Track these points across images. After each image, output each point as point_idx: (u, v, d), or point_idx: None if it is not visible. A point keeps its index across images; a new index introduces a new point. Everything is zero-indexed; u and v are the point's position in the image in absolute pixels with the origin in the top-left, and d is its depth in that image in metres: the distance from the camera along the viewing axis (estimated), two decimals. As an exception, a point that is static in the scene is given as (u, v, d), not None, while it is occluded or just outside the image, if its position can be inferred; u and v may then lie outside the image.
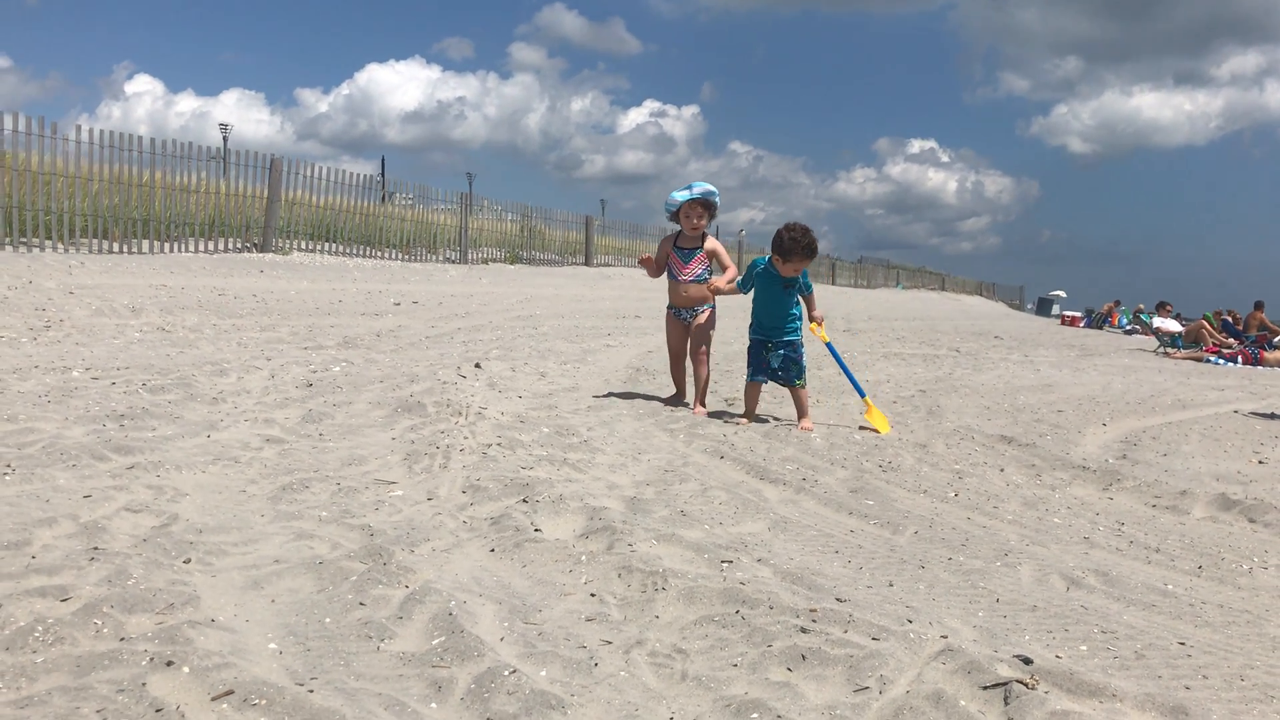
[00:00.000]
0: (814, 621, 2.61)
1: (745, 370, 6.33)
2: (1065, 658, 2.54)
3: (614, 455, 4.82)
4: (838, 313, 21.67)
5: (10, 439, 4.12)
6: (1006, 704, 2.20)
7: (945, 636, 2.57)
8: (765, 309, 6.15)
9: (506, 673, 2.21)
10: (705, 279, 6.62)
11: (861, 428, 6.13)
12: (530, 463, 4.48)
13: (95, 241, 15.05)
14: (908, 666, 2.38)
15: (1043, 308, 54.24)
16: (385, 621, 2.53)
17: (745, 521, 3.79)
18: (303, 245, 19.23)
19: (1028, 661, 2.42)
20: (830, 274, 44.90)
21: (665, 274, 6.73)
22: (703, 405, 6.51)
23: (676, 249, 6.62)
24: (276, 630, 2.46)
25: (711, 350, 6.70)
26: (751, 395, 6.25)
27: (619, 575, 2.97)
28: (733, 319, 8.90)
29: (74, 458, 3.89)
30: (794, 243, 5.92)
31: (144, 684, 2.05)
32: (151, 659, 2.16)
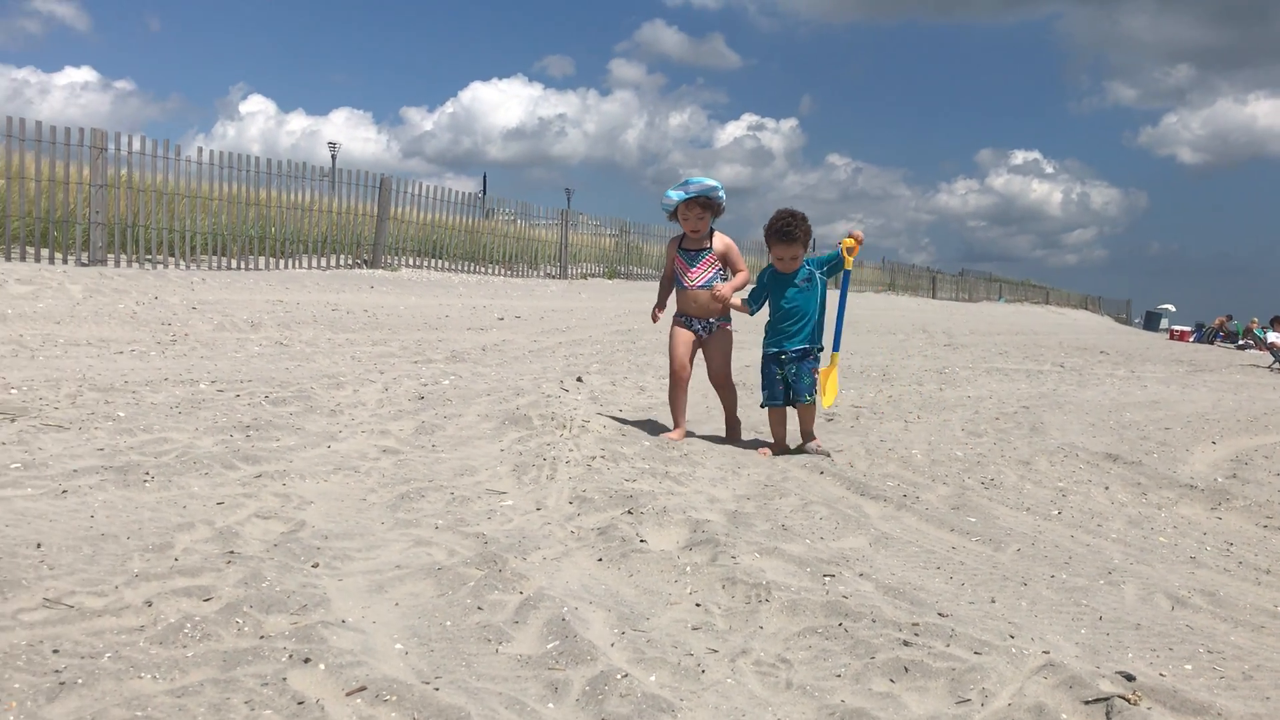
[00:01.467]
0: (916, 635, 2.67)
1: (760, 395, 5.70)
2: (1169, 676, 2.55)
3: (714, 469, 4.91)
4: (939, 327, 21.41)
5: (148, 448, 4.38)
6: (1108, 718, 2.23)
7: (1047, 652, 2.61)
8: (781, 313, 5.56)
9: (619, 677, 2.33)
10: (719, 282, 5.77)
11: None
12: (633, 475, 4.60)
13: (215, 258, 15.68)
14: (1009, 680, 2.43)
15: (1150, 322, 52.72)
16: (502, 625, 2.67)
17: (846, 537, 3.85)
18: (410, 261, 19.74)
19: (1130, 678, 2.44)
20: (931, 287, 44.31)
21: (675, 279, 5.90)
22: (734, 435, 5.91)
23: (681, 251, 5.80)
24: (401, 632, 2.61)
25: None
26: (776, 421, 5.63)
27: (723, 586, 3.06)
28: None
29: (206, 466, 4.12)
30: (768, 229, 5.50)
31: (285, 679, 2.21)
32: (290, 656, 2.32)
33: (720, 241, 5.77)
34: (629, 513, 3.85)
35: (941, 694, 2.38)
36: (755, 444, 5.74)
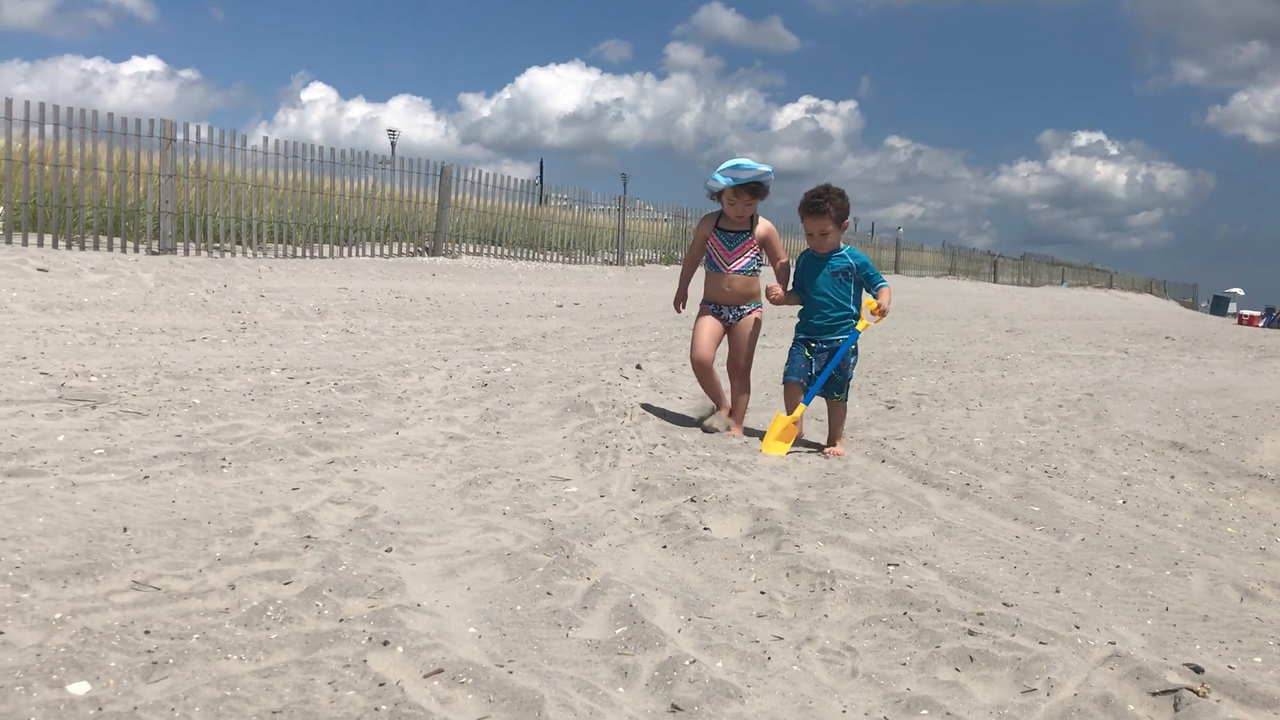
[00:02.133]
0: (981, 624, 2.69)
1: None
2: (1238, 668, 2.55)
3: (775, 457, 4.94)
4: (1000, 312, 21.18)
5: (223, 434, 4.50)
6: (1176, 710, 2.24)
7: (1113, 643, 2.62)
8: (812, 302, 5.23)
9: (687, 662, 2.38)
10: (754, 270, 5.53)
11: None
12: (695, 463, 4.64)
13: (280, 246, 15.95)
14: (1075, 670, 2.44)
15: (1218, 306, 51.63)
16: (571, 610, 2.73)
17: (909, 525, 3.87)
18: (470, 249, 19.92)
19: (1198, 670, 2.45)
20: (992, 271, 43.75)
21: (706, 262, 5.58)
22: (734, 425, 5.55)
23: (719, 231, 5.45)
24: (474, 616, 2.69)
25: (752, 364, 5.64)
26: (792, 399, 5.26)
27: (787, 575, 3.10)
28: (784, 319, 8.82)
29: (280, 452, 4.24)
30: (800, 205, 5.16)
31: (365, 660, 2.29)
32: (370, 639, 2.40)
33: (763, 226, 5.46)
34: (692, 500, 3.90)
35: (1007, 683, 2.40)
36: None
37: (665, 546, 3.37)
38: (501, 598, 2.83)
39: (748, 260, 5.45)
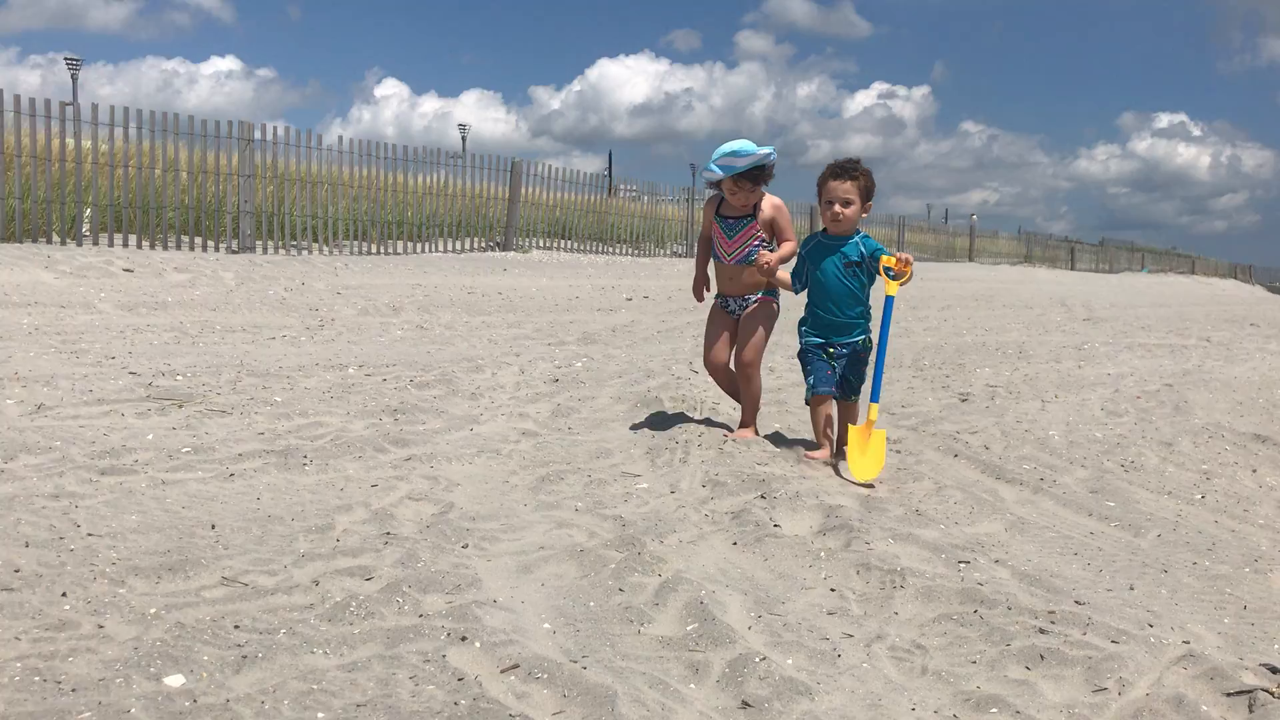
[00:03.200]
0: (1052, 623, 2.69)
1: (804, 385, 4.71)
2: (1317, 669, 2.52)
3: (845, 453, 4.94)
4: (1077, 300, 20.81)
5: (304, 432, 4.63)
6: (1251, 712, 2.23)
7: (1188, 642, 2.60)
8: (822, 297, 4.64)
9: (757, 659, 2.42)
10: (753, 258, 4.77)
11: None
12: (765, 459, 4.66)
13: (356, 243, 16.24)
14: (1148, 670, 2.43)
15: (1308, 291, 50.06)
16: (643, 607, 2.78)
17: (981, 522, 3.85)
18: (540, 243, 20.08)
19: (1276, 671, 2.42)
20: (1069, 258, 42.94)
21: (713, 252, 4.98)
22: (751, 428, 4.96)
23: (720, 218, 4.86)
24: (548, 612, 2.75)
25: (764, 356, 4.97)
26: (824, 413, 4.67)
27: (857, 572, 3.12)
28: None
29: (359, 450, 4.35)
30: (825, 170, 4.61)
31: (444, 655, 2.37)
32: (448, 634, 2.48)
33: (769, 205, 4.79)
34: (762, 497, 3.92)
35: (1078, 682, 2.40)
36: (803, 445, 4.82)
37: (735, 543, 3.40)
38: (575, 594, 2.89)
39: (750, 249, 4.79)
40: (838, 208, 4.52)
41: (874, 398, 4.50)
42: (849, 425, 4.56)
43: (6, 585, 2.62)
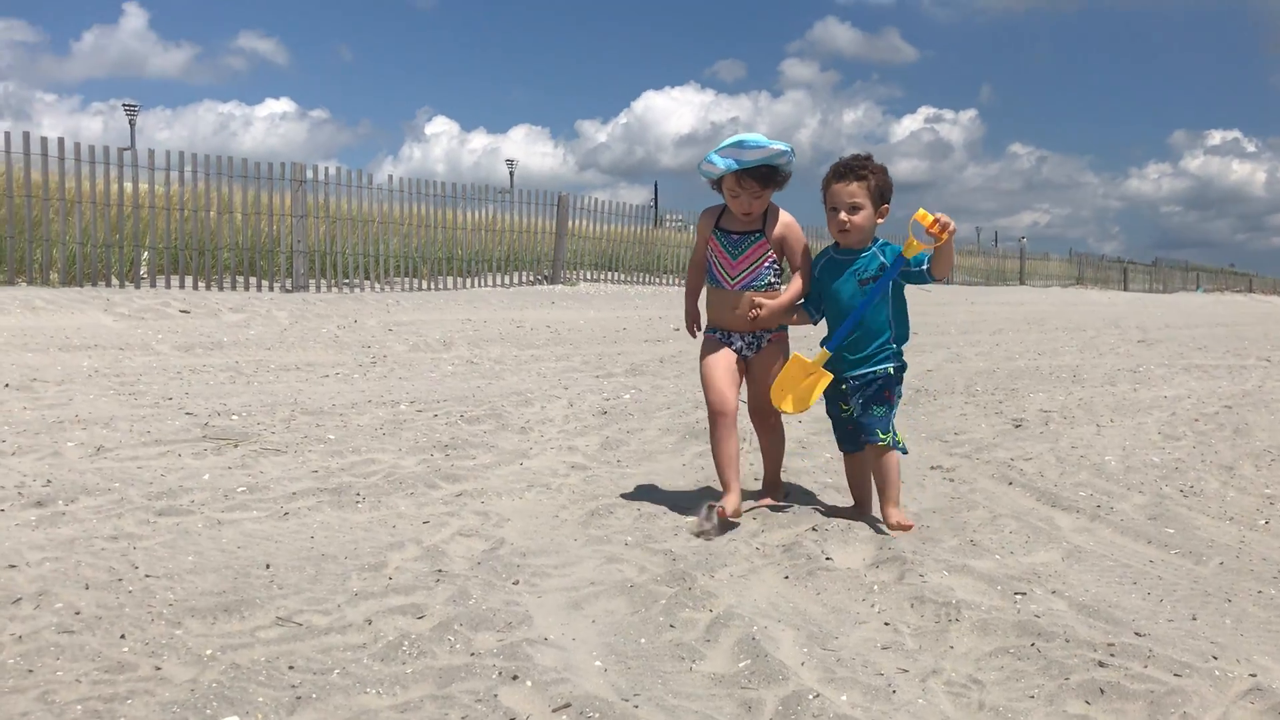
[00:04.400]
0: (1112, 656, 2.64)
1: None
2: (1390, 702, 2.44)
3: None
4: (1131, 322, 20.50)
5: (357, 469, 4.68)
6: (1321, 748, 2.16)
7: (1254, 675, 2.54)
8: (836, 315, 3.97)
9: (810, 696, 2.39)
10: (771, 285, 4.04)
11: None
12: (818, 489, 4.63)
13: (406, 280, 16.43)
14: (1213, 705, 2.38)
15: (1374, 307, 48.93)
16: (694, 643, 2.77)
17: (1037, 551, 3.80)
18: (588, 275, 20.19)
19: (1346, 705, 2.36)
20: (1122, 279, 42.35)
21: (708, 273, 4.14)
22: (774, 496, 4.32)
23: (719, 232, 4.05)
24: (599, 649, 2.74)
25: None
26: (852, 472, 4.20)
27: (911, 605, 3.08)
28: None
29: (411, 486, 4.38)
30: (828, 172, 3.93)
31: (496, 695, 2.37)
32: (500, 673, 2.48)
33: (781, 222, 4.01)
34: (813, 529, 3.89)
35: (1139, 717, 2.35)
36: (830, 510, 4.21)
37: (787, 577, 3.38)
38: (626, 630, 2.89)
39: (760, 271, 4.00)
40: (844, 215, 3.81)
41: (831, 345, 3.90)
42: (795, 355, 4.01)
43: (68, 627, 2.67)
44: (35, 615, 2.76)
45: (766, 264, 4.00)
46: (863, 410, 3.92)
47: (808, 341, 4.31)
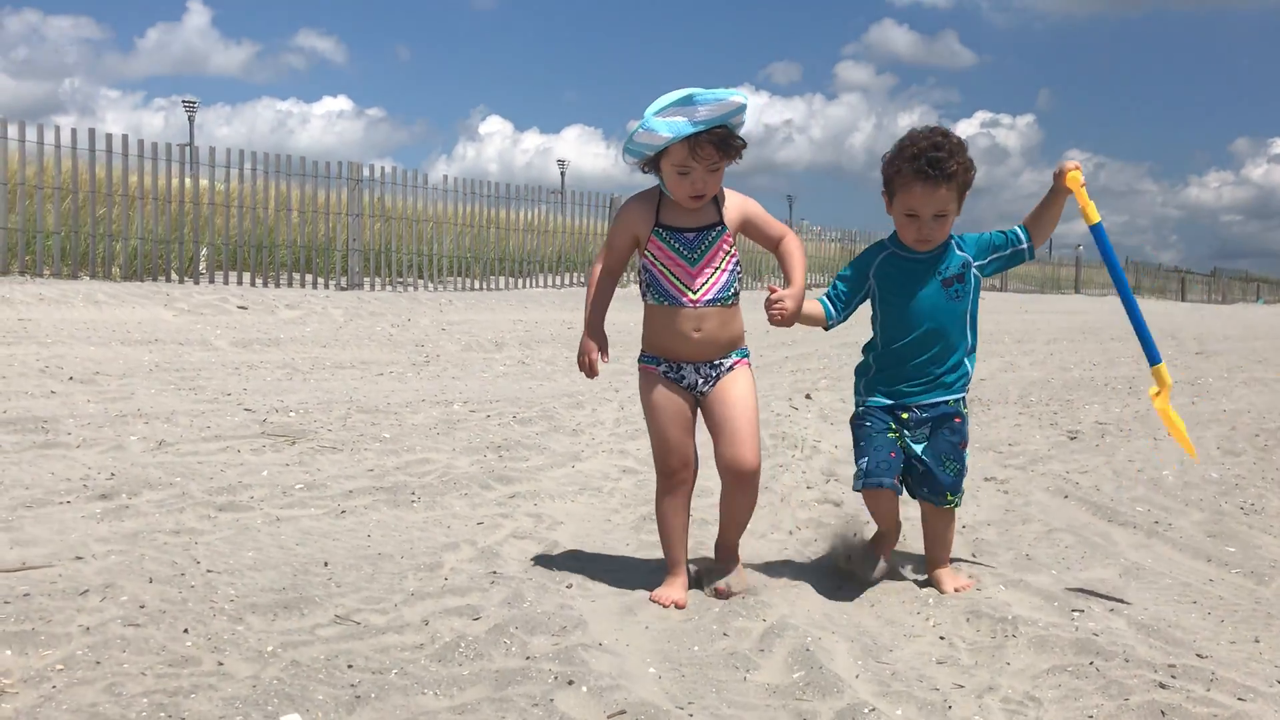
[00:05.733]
0: (1173, 677, 2.60)
1: (853, 468, 3.29)
2: None
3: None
4: (1188, 333, 20.15)
5: (412, 468, 4.73)
6: (1390, 778, 2.12)
7: (1319, 701, 2.49)
8: (902, 331, 3.24)
9: (866, 710, 2.38)
10: (735, 295, 3.21)
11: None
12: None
13: (459, 279, 16.56)
14: (1277, 731, 2.34)
15: None
16: (748, 653, 2.77)
17: (1094, 567, 3.75)
18: (633, 277, 20.25)
19: None
20: (1180, 289, 41.65)
21: (645, 287, 3.24)
22: (735, 574, 3.26)
23: (665, 232, 3.13)
24: (653, 655, 2.75)
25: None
26: (884, 511, 3.34)
27: (967, 620, 3.06)
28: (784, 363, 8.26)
29: (465, 486, 4.42)
30: (896, 156, 3.14)
31: (552, 699, 2.39)
32: (555, 677, 2.50)
33: (735, 205, 3.17)
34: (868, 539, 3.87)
35: (1202, 741, 2.32)
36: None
37: (840, 588, 3.36)
38: (679, 637, 2.89)
39: (726, 276, 3.15)
40: (924, 225, 3.13)
41: (1154, 358, 3.34)
42: (1162, 385, 3.28)
43: (133, 620, 2.73)
44: (102, 608, 2.82)
45: (730, 265, 3.16)
46: (935, 461, 3.23)
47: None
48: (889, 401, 3.26)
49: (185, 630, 2.69)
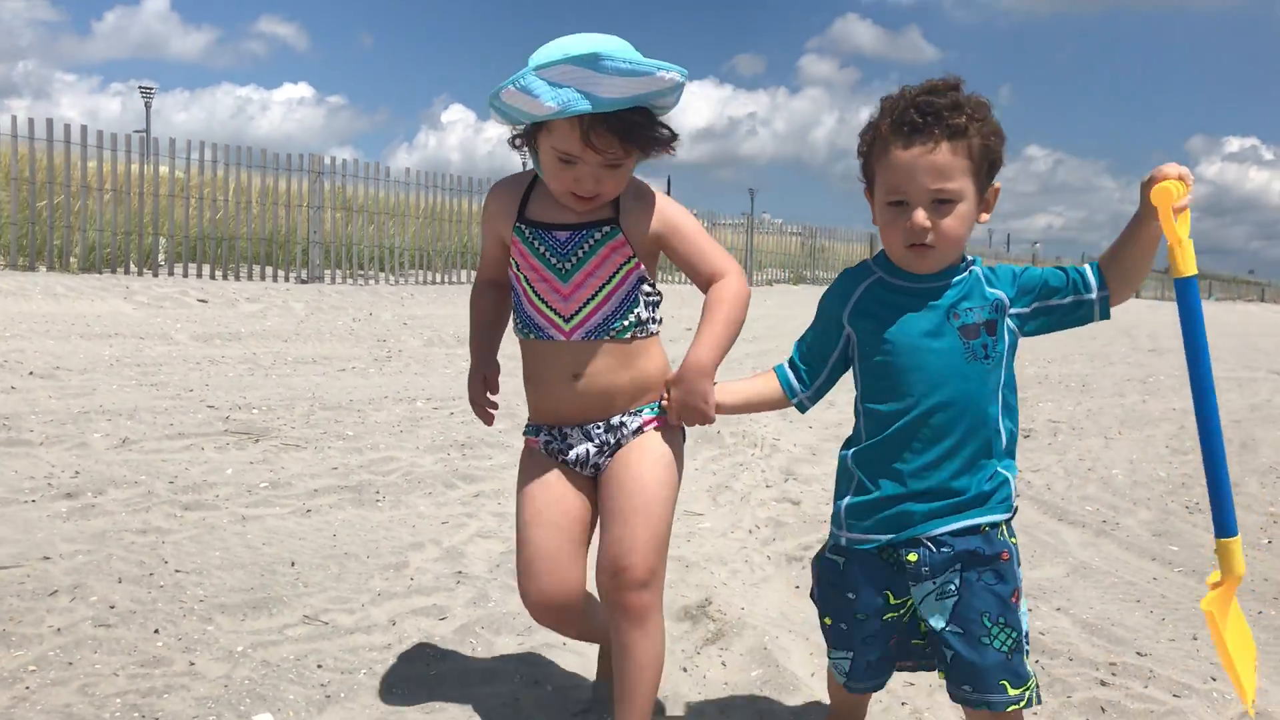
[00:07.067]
0: (1114, 675, 2.72)
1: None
2: (1383, 727, 2.52)
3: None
4: (1143, 330, 20.52)
5: (376, 467, 4.77)
6: (1313, 771, 2.24)
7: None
8: (895, 412, 2.02)
9: (823, 708, 2.48)
10: (639, 326, 2.17)
11: None
12: (826, 498, 4.71)
13: (420, 272, 16.52)
14: (1210, 726, 2.45)
15: (1389, 317, 48.79)
16: (707, 651, 2.85)
17: (1043, 565, 3.87)
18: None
19: (1340, 729, 2.41)
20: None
21: (513, 314, 2.29)
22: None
23: (529, 229, 2.16)
24: (615, 654, 2.83)
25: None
26: (852, 706, 2.36)
27: (919, 617, 3.16)
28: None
29: (429, 485, 4.47)
30: (889, 115, 1.96)
31: (518, 699, 2.46)
32: (520, 677, 2.58)
33: (648, 206, 2.17)
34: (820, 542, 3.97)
35: (1139, 736, 2.43)
36: None
37: (798, 587, 3.46)
38: (641, 636, 2.97)
39: (620, 299, 2.16)
40: (921, 216, 1.93)
41: (1228, 528, 2.04)
42: (1219, 609, 1.93)
43: (104, 621, 2.77)
44: (72, 608, 2.85)
45: (629, 283, 2.14)
46: (967, 641, 1.95)
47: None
48: (884, 537, 2.00)
49: (156, 631, 2.73)
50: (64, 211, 12.64)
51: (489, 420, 2.33)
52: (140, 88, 45.85)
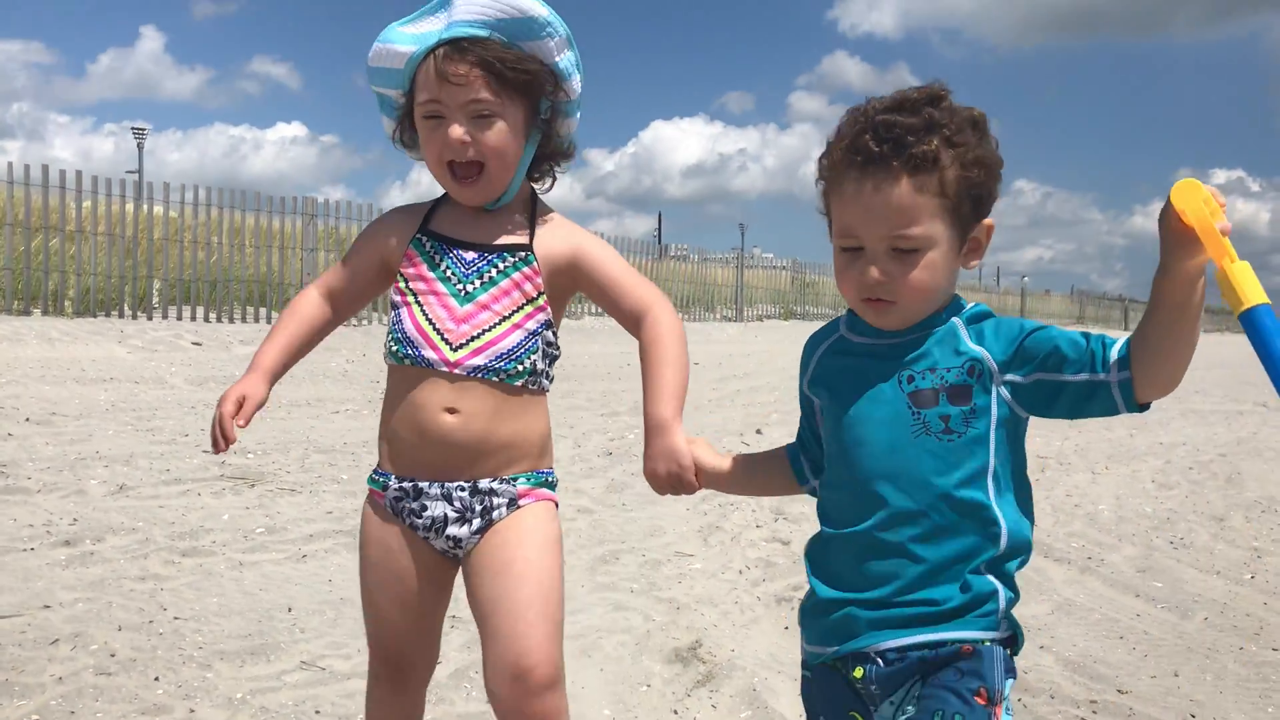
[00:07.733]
0: (1094, 713, 2.78)
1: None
2: (1356, 761, 2.58)
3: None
4: (1132, 361, 20.65)
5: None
6: (1286, 805, 2.30)
7: (1228, 733, 2.67)
8: (840, 498, 1.57)
9: (807, 747, 2.53)
10: (535, 374, 1.91)
11: None
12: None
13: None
14: (1187, 761, 2.51)
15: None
16: (697, 693, 2.91)
17: (1029, 603, 3.93)
18: (592, 309, 20.37)
19: (1313, 763, 2.47)
20: (1123, 318, 42.52)
21: (388, 336, 1.94)
22: None
23: (425, 241, 1.91)
24: (607, 697, 2.89)
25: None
26: None
27: (905, 657, 3.22)
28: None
29: (423, 529, 4.52)
30: (842, 140, 1.53)
31: (511, 741, 2.51)
32: (514, 720, 2.62)
33: (563, 236, 1.95)
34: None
35: (1118, 773, 2.49)
36: None
37: (788, 628, 3.52)
38: (631, 679, 3.03)
39: (519, 337, 1.89)
40: (874, 271, 1.51)
41: None
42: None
43: (105, 669, 2.82)
44: (73, 656, 2.90)
45: (532, 325, 1.90)
46: None
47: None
48: (829, 649, 1.55)
49: (156, 678, 2.79)
50: (59, 255, 12.72)
51: (221, 448, 1.87)
52: (133, 128, 46.12)
